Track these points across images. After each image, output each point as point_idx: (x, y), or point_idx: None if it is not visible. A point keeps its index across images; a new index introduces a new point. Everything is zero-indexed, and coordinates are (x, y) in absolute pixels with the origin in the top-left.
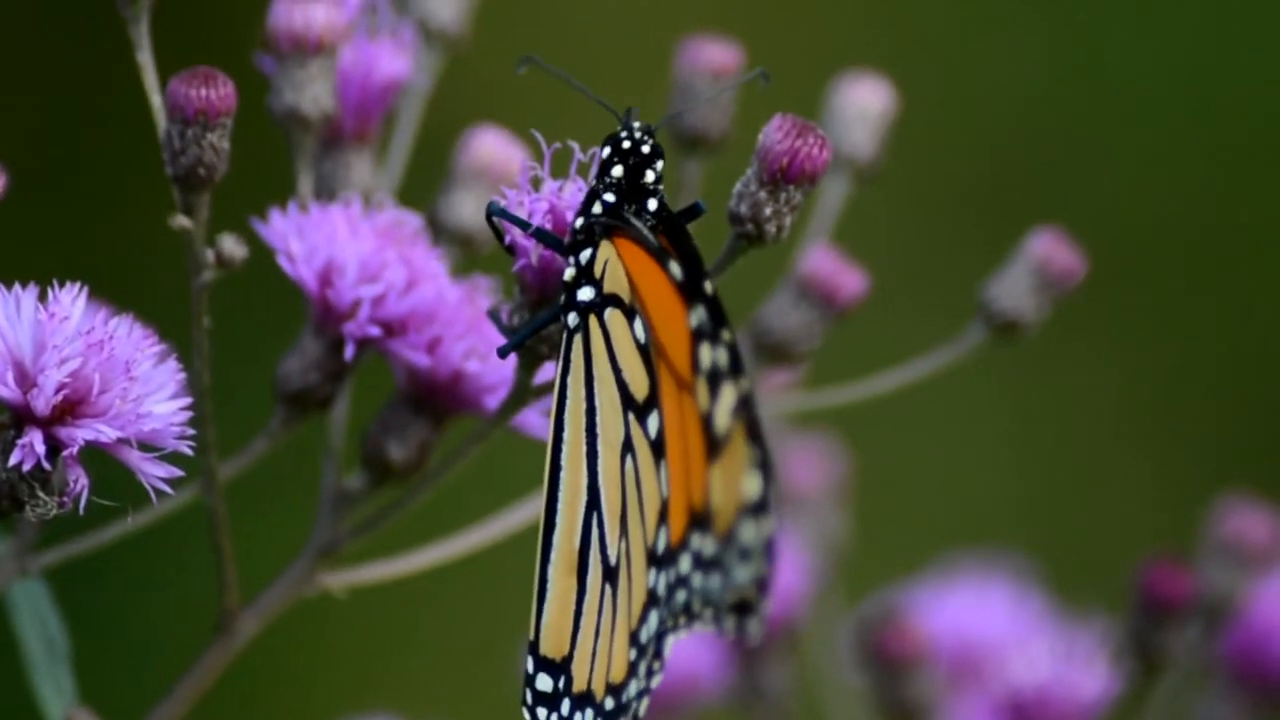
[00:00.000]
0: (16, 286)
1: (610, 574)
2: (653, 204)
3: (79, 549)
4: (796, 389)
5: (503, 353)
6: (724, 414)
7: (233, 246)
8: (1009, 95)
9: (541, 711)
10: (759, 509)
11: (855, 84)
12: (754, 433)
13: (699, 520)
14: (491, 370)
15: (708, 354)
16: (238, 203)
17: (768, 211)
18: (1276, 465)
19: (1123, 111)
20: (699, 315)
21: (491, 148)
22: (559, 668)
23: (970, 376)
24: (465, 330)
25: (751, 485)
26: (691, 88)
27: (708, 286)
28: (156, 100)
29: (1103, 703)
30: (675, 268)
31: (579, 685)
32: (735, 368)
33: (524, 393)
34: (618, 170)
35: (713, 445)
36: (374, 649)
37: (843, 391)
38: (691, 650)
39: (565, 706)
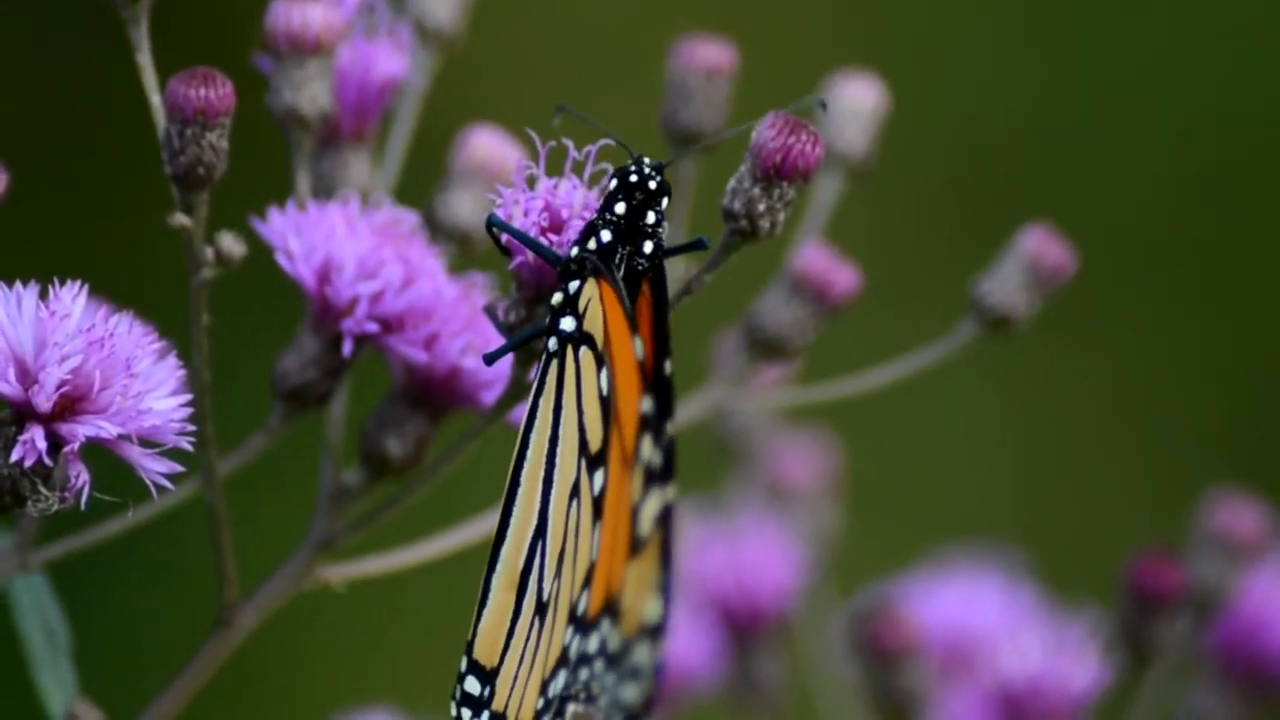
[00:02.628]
0: (18, 284)
1: (541, 608)
2: (648, 247)
3: (80, 543)
4: (789, 384)
5: (490, 359)
6: (647, 518)
7: (231, 244)
8: (1001, 91)
9: (466, 712)
10: (655, 632)
11: (848, 82)
12: (665, 555)
13: (612, 608)
14: (488, 366)
15: (648, 449)
16: (236, 201)
17: (761, 208)
18: (1266, 459)
19: (1114, 107)
20: (648, 403)
21: (487, 146)
22: (487, 676)
23: (962, 371)
24: (462, 327)
25: (653, 608)
26: (685, 87)
27: (667, 366)
28: (156, 100)
29: (1093, 694)
30: (639, 345)
31: (498, 704)
32: (666, 474)
33: (520, 388)
34: (620, 207)
35: (634, 543)
36: (371, 643)
37: (835, 386)
38: (685, 643)
39: (485, 718)
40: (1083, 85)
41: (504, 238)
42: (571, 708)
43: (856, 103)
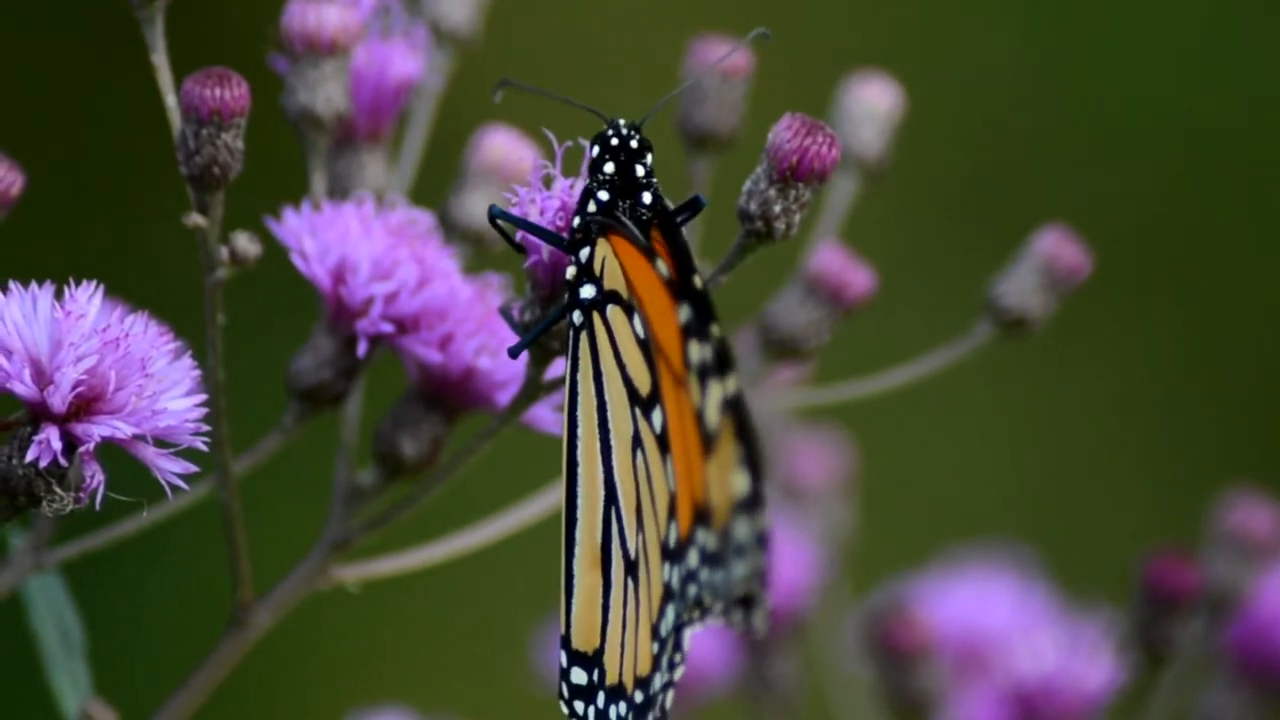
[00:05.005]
0: (33, 285)
1: (631, 567)
2: (647, 197)
3: (95, 543)
4: (804, 385)
5: (514, 353)
6: (713, 410)
7: (246, 244)
8: (1015, 92)
9: (579, 704)
10: (750, 505)
11: (863, 83)
12: (742, 429)
13: (702, 515)
14: (503, 366)
15: (696, 350)
16: (252, 201)
17: (777, 209)
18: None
19: (1130, 108)
20: (686, 312)
21: (502, 147)
22: (591, 661)
23: (975, 371)
24: (477, 327)
25: (740, 482)
26: (700, 87)
27: (696, 281)
28: (171, 100)
29: (1107, 694)
30: (662, 266)
31: (611, 678)
32: (721, 365)
33: (535, 388)
34: (609, 167)
35: (706, 441)
36: (385, 643)
37: (850, 387)
38: (699, 643)
39: (600, 699)
40: (1098, 86)
41: (518, 235)
42: (688, 632)
43: (872, 104)
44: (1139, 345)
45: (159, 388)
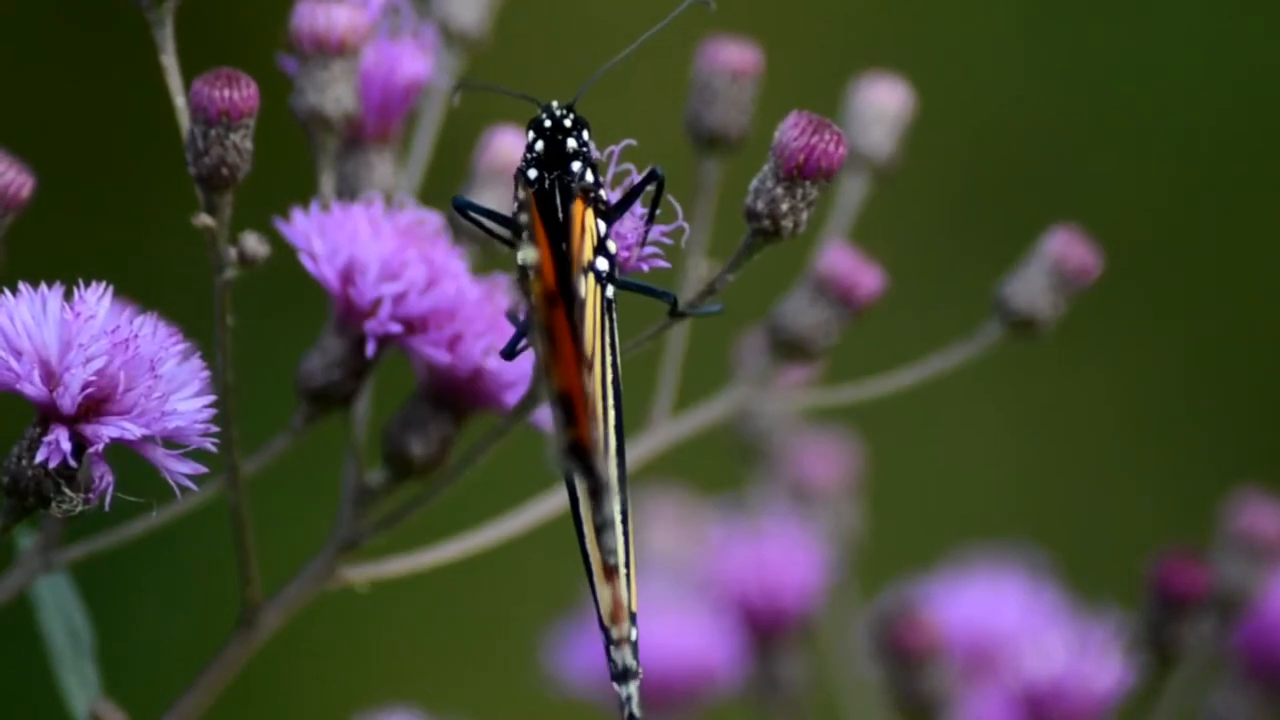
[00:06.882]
0: (42, 286)
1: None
2: (576, 166)
3: (104, 544)
4: (812, 386)
5: (508, 355)
6: None
7: (255, 245)
8: (1019, 92)
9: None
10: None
11: (873, 84)
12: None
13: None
14: (511, 366)
15: None
16: (260, 202)
17: (784, 208)
18: None
19: (1131, 109)
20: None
21: (511, 147)
22: None
23: (983, 372)
24: (485, 328)
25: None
26: (710, 89)
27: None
28: (180, 101)
29: (1117, 695)
30: (532, 251)
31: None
32: None
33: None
34: (539, 145)
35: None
36: (394, 643)
37: (859, 388)
38: (707, 643)
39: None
40: (1103, 88)
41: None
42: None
43: (881, 105)
44: (1145, 345)
45: (168, 388)
